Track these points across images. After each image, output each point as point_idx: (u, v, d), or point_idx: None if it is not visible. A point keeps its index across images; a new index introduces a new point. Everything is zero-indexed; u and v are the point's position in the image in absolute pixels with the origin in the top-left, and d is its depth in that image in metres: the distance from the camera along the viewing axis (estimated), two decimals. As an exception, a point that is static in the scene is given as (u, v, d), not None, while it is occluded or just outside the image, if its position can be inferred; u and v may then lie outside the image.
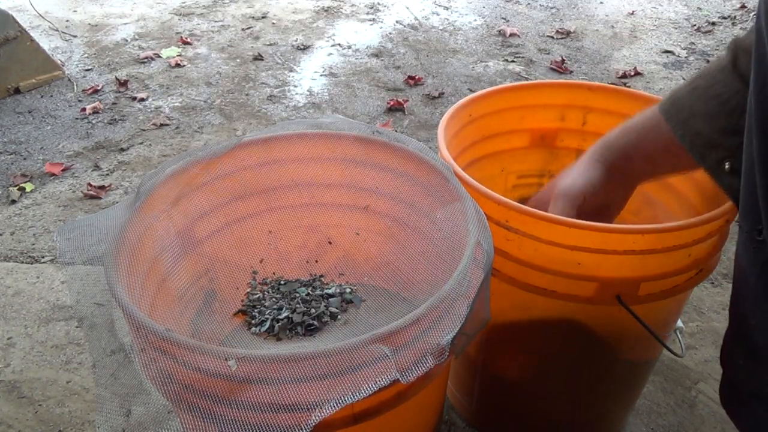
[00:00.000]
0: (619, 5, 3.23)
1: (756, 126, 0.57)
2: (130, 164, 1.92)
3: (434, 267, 0.82)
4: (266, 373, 0.54)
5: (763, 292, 0.63)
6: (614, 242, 0.74)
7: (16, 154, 1.98)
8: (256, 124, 2.16)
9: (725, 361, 0.79)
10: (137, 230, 0.73)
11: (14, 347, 1.30)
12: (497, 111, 1.05)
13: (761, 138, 0.57)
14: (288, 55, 2.67)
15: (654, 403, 1.17)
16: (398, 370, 0.56)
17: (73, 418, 1.14)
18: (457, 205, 0.74)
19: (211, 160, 0.85)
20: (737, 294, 0.72)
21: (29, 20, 2.91)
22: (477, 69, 2.55)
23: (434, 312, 0.60)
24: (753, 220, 0.62)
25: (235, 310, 0.91)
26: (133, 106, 2.26)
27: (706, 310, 1.39)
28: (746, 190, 0.65)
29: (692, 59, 2.65)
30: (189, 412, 0.57)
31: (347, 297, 0.92)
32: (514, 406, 1.04)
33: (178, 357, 0.56)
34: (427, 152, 0.83)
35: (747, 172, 0.65)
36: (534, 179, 1.16)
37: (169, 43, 2.76)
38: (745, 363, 0.72)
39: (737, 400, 0.78)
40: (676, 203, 1.00)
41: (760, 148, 0.57)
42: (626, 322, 0.80)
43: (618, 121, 1.06)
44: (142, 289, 0.71)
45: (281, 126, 0.90)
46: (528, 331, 0.90)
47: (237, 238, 0.92)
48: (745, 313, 0.69)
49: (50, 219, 1.69)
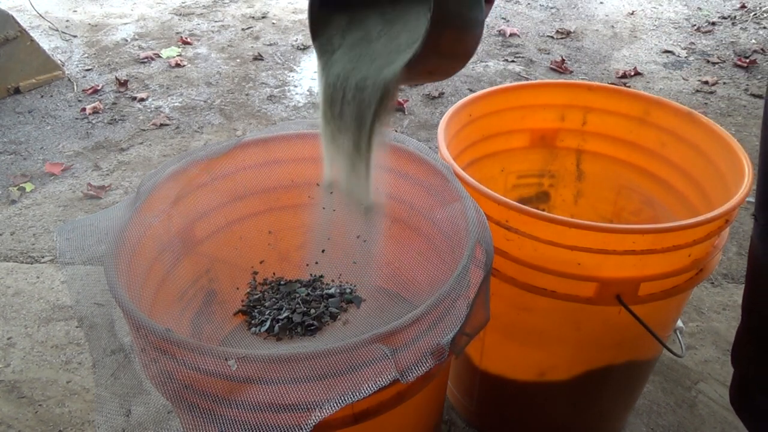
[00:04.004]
0: (619, 5, 3.23)
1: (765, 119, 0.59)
2: (130, 164, 1.92)
3: (434, 267, 0.82)
4: (266, 373, 0.54)
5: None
6: (614, 242, 0.74)
7: (16, 154, 1.98)
8: (256, 124, 2.16)
9: (736, 357, 0.79)
10: (137, 230, 0.73)
11: (14, 347, 1.30)
12: (497, 111, 1.05)
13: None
14: (288, 55, 2.67)
15: (654, 403, 1.17)
16: (398, 370, 0.56)
17: (73, 418, 1.14)
18: (457, 205, 0.74)
19: (211, 161, 0.85)
20: (751, 286, 0.72)
21: (29, 20, 2.91)
22: (477, 69, 2.55)
23: (434, 312, 0.60)
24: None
25: (235, 310, 0.91)
26: (133, 106, 2.26)
27: (706, 310, 1.39)
28: (762, 184, 0.66)
29: (692, 59, 2.65)
30: (189, 412, 0.57)
31: (347, 297, 0.92)
32: (514, 406, 1.04)
33: (178, 357, 0.56)
34: (427, 152, 0.83)
35: (762, 167, 0.65)
36: (534, 179, 1.16)
37: (169, 43, 2.76)
38: (758, 356, 0.72)
39: (747, 398, 0.78)
40: (676, 203, 1.00)
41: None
42: (626, 322, 0.80)
43: (618, 121, 1.07)
44: (142, 289, 0.71)
45: (281, 126, 0.90)
46: (528, 331, 0.90)
47: (237, 239, 0.92)
48: (761, 305, 0.69)
49: (50, 219, 1.69)
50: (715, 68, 2.56)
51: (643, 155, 1.05)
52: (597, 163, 1.11)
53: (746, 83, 2.43)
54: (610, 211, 1.13)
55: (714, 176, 0.91)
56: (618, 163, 1.08)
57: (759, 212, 0.68)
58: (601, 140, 1.08)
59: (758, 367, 0.76)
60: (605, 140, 1.08)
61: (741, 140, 1.81)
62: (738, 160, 0.85)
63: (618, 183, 1.10)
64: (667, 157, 1.01)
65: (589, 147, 1.10)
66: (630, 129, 1.05)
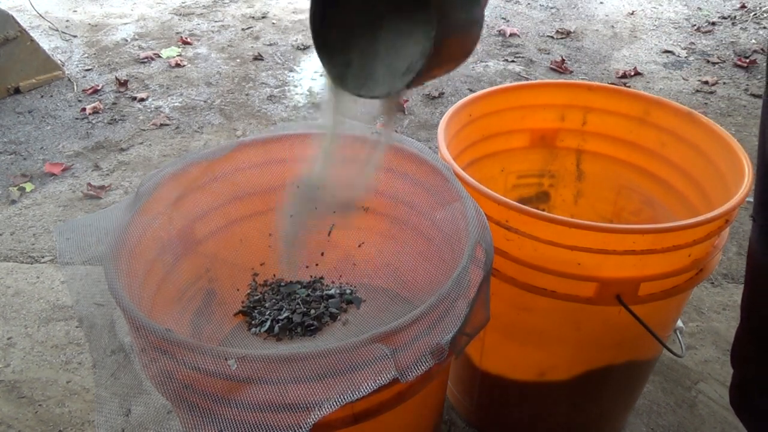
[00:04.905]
0: (619, 5, 3.23)
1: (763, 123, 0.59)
2: (130, 164, 1.92)
3: (434, 267, 0.82)
4: (266, 372, 0.54)
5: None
6: (614, 242, 0.74)
7: (16, 154, 1.98)
8: (256, 124, 2.16)
9: (735, 358, 0.79)
10: (137, 230, 0.73)
11: (14, 347, 1.30)
12: (497, 111, 1.05)
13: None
14: (288, 55, 2.67)
15: (654, 403, 1.17)
16: (397, 370, 0.56)
17: (73, 418, 1.14)
18: (457, 205, 0.74)
19: (211, 162, 0.85)
20: (751, 287, 0.72)
21: (29, 20, 2.91)
22: (477, 69, 2.55)
23: (434, 312, 0.60)
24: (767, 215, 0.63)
25: (236, 311, 0.91)
26: (133, 106, 2.26)
27: (706, 310, 1.39)
28: (760, 185, 0.66)
29: (692, 59, 2.65)
30: (189, 412, 0.57)
31: (347, 298, 0.91)
32: (514, 406, 1.04)
33: (178, 357, 0.56)
34: (427, 152, 0.83)
35: (760, 168, 0.66)
36: (534, 179, 1.16)
37: (169, 43, 2.76)
38: (758, 356, 0.72)
39: (747, 398, 0.78)
40: (676, 203, 1.00)
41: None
42: (626, 322, 0.80)
43: (618, 121, 1.07)
44: (142, 289, 0.71)
45: (281, 127, 0.90)
46: (528, 331, 0.90)
47: (237, 240, 0.92)
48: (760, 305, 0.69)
49: (50, 219, 1.69)
50: (715, 68, 2.56)
51: (643, 155, 1.05)
52: (597, 163, 1.11)
53: (746, 83, 2.43)
54: (610, 211, 1.13)
55: (714, 176, 0.91)
56: (618, 163, 1.08)
57: (757, 213, 0.68)
58: (601, 140, 1.08)
59: (758, 368, 0.76)
60: (605, 140, 1.08)
61: (741, 140, 1.80)
62: (738, 160, 0.85)
63: (618, 183, 1.10)
64: (667, 157, 1.01)
65: (589, 147, 1.10)
66: (630, 129, 1.05)
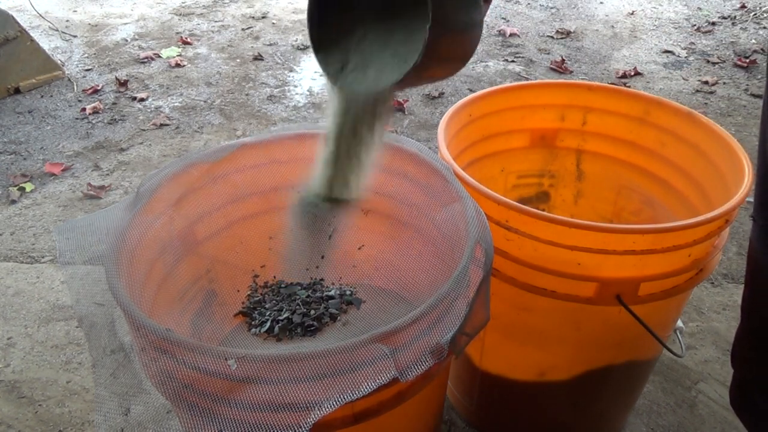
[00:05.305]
0: (619, 5, 3.23)
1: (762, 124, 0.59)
2: (130, 164, 1.92)
3: (434, 267, 0.82)
4: (266, 372, 0.54)
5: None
6: (614, 242, 0.74)
7: (16, 154, 1.98)
8: (256, 124, 2.16)
9: (735, 358, 0.79)
10: (138, 230, 0.73)
11: (14, 347, 1.30)
12: (497, 111, 1.05)
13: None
14: (288, 55, 2.67)
15: (654, 403, 1.17)
16: (397, 370, 0.56)
17: (73, 418, 1.14)
18: (457, 206, 0.74)
19: (211, 162, 0.85)
20: (751, 287, 0.72)
21: (29, 20, 2.91)
22: (477, 69, 2.55)
23: (434, 312, 0.60)
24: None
25: (236, 312, 0.91)
26: (133, 106, 2.26)
27: (706, 310, 1.39)
28: (761, 185, 0.66)
29: (692, 59, 2.65)
30: (189, 412, 0.57)
31: (347, 298, 0.91)
32: (514, 407, 1.04)
33: (178, 357, 0.56)
34: (427, 152, 0.83)
35: (761, 168, 0.66)
36: (534, 179, 1.16)
37: (169, 43, 2.76)
38: (758, 356, 0.72)
39: (747, 398, 0.78)
40: (676, 203, 1.00)
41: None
42: (626, 322, 0.80)
43: (618, 121, 1.07)
44: (143, 289, 0.71)
45: (281, 127, 0.90)
46: (528, 331, 0.90)
47: (237, 240, 0.92)
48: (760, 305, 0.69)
49: (50, 219, 1.69)
50: (715, 68, 2.56)
51: (643, 155, 1.05)
52: (597, 163, 1.11)
53: (746, 83, 2.43)
54: (610, 211, 1.13)
55: (714, 176, 0.91)
56: (618, 163, 1.08)
57: (757, 213, 0.68)
58: (601, 140, 1.08)
59: (758, 368, 0.76)
60: (605, 140, 1.08)
61: (741, 140, 1.80)
62: (738, 160, 0.85)
63: (618, 183, 1.10)
64: (667, 157, 1.01)
65: (589, 147, 1.10)
66: (630, 129, 1.05)
